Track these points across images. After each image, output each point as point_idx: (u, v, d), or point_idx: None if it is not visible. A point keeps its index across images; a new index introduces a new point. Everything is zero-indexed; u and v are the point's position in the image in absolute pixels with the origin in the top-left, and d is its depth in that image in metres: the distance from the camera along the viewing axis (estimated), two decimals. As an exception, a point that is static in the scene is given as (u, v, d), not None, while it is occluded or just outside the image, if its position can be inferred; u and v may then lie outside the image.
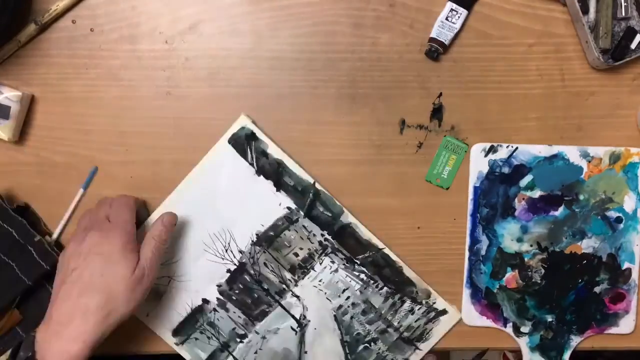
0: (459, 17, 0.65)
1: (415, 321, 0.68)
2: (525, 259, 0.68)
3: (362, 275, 0.67)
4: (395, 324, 0.68)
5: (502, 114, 0.67)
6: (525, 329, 0.69)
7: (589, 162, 0.67)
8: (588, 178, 0.67)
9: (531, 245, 0.68)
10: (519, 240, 0.68)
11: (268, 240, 0.67)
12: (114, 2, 0.65)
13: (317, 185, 0.66)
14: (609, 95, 0.67)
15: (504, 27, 0.66)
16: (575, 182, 0.67)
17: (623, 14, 0.64)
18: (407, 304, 0.68)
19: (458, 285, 0.68)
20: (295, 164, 0.66)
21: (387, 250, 0.67)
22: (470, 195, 0.67)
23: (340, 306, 0.68)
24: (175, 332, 0.68)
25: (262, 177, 0.66)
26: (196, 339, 0.68)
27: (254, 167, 0.66)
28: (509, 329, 0.69)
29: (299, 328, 0.68)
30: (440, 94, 0.67)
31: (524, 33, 0.66)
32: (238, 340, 0.68)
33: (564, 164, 0.67)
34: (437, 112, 0.67)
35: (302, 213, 0.67)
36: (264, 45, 0.66)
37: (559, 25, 0.66)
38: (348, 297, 0.68)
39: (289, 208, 0.67)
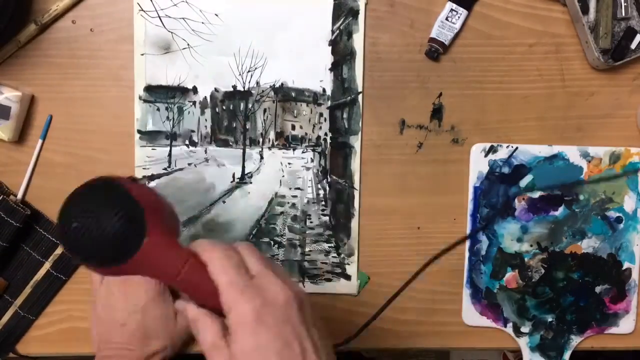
0: (459, 17, 0.65)
1: (321, 262, 0.67)
2: (526, 259, 0.68)
3: (321, 192, 0.67)
4: (306, 249, 0.67)
5: (502, 114, 0.67)
6: (525, 329, 0.69)
7: (589, 162, 0.67)
8: (588, 178, 0.67)
9: (531, 245, 0.68)
10: (519, 240, 0.68)
11: (285, 96, 0.66)
12: (114, 2, 0.65)
13: (360, 98, 0.66)
14: (609, 95, 0.67)
15: (504, 27, 0.66)
16: (575, 182, 0.67)
17: (623, 14, 0.64)
18: (328, 246, 0.67)
19: (458, 285, 0.68)
20: (362, 67, 0.65)
21: (356, 194, 0.67)
22: (470, 196, 0.67)
23: (283, 196, 0.67)
24: (148, 89, 0.65)
25: (329, 48, 0.65)
26: (158, 109, 0.65)
27: (331, 35, 0.65)
28: (509, 329, 0.69)
29: (238, 180, 0.67)
30: (440, 94, 0.67)
31: (524, 33, 0.66)
32: (187, 143, 0.66)
33: (564, 164, 0.67)
34: (437, 112, 0.67)
35: (328, 103, 0.66)
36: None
37: (559, 25, 0.66)
38: (294, 196, 0.67)
39: (324, 90, 0.66)
